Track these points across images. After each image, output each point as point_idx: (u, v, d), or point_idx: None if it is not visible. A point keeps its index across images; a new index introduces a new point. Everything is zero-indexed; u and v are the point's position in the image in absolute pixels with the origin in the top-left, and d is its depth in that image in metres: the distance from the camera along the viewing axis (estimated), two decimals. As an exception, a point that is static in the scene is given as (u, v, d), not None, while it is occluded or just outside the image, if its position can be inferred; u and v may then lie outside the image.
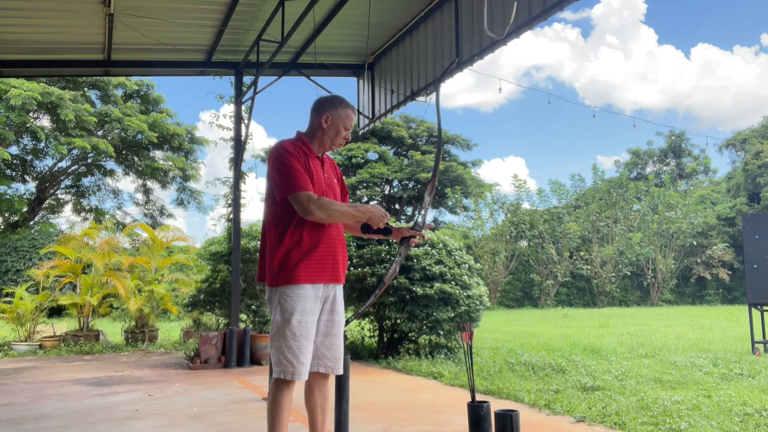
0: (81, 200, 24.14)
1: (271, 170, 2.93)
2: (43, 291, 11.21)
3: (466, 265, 8.14)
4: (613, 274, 26.20)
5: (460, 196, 28.72)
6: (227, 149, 13.11)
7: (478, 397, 3.71)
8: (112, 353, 9.93)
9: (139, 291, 11.07)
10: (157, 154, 23.73)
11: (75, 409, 5.30)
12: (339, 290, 3.03)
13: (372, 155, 30.63)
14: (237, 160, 8.98)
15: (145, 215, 24.92)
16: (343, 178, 3.26)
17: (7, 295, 11.93)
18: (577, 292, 26.82)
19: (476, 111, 62.58)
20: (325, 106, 3.04)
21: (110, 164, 23.81)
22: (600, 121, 76.97)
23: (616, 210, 26.98)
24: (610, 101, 64.97)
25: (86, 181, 24.30)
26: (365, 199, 29.99)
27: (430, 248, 7.98)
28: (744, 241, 8.52)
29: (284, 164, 2.87)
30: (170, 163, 23.50)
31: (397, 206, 31.30)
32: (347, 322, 3.15)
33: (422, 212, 3.15)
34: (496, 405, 4.14)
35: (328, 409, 3.09)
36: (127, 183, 55.65)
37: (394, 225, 3.15)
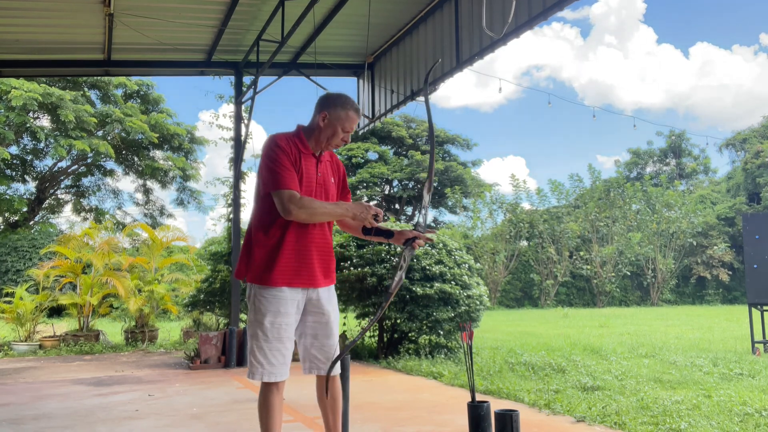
0: (81, 200, 24.14)
1: (261, 164, 2.89)
2: (43, 291, 11.21)
3: (466, 265, 8.14)
4: (613, 274, 26.19)
5: (460, 196, 28.71)
6: (227, 149, 13.13)
7: (478, 397, 3.71)
8: (112, 353, 9.93)
9: (139, 291, 11.07)
10: (157, 154, 23.74)
11: (75, 409, 5.31)
12: (322, 292, 2.96)
13: (372, 155, 30.64)
14: (237, 160, 8.98)
15: (145, 215, 24.93)
16: (346, 178, 3.18)
17: (7, 295, 11.94)
18: (577, 292, 26.81)
19: (476, 111, 62.63)
20: (325, 104, 2.96)
21: (110, 164, 23.85)
22: (600, 120, 77.00)
23: (614, 210, 26.98)
24: (609, 101, 65.03)
25: (86, 181, 24.32)
26: (365, 198, 29.98)
27: (430, 248, 7.98)
28: (744, 241, 8.52)
29: (272, 159, 2.83)
30: (170, 163, 23.51)
31: (397, 206, 31.30)
32: (362, 333, 3.09)
33: (423, 212, 3.08)
34: (496, 405, 4.14)
35: (340, 409, 3.07)
36: (127, 183, 55.69)
37: (396, 228, 3.09)
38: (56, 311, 15.37)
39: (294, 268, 2.85)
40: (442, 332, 7.67)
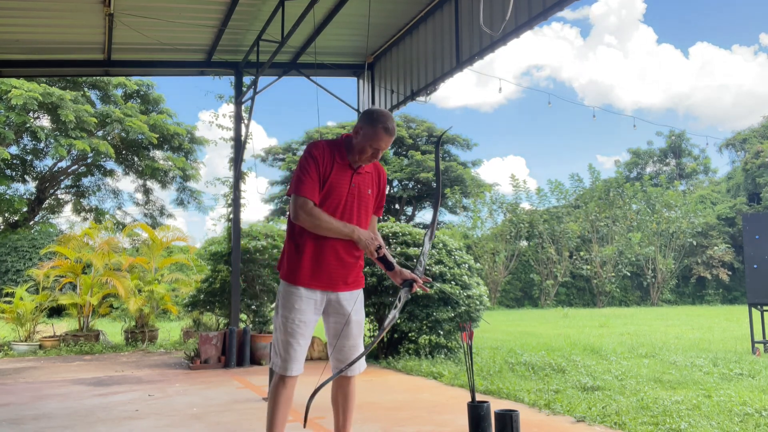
0: (81, 200, 24.13)
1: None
2: (43, 291, 11.21)
3: (466, 265, 8.14)
4: (613, 274, 26.18)
5: (460, 196, 28.72)
6: (227, 149, 13.13)
7: (478, 397, 3.71)
8: (112, 353, 9.93)
9: (139, 291, 11.07)
10: (157, 154, 23.73)
11: (75, 409, 5.31)
12: (342, 295, 3.04)
13: (372, 155, 30.58)
14: (237, 160, 8.98)
15: (145, 215, 24.91)
16: (384, 192, 3.22)
17: (7, 295, 11.94)
18: (577, 292, 26.80)
19: (476, 111, 62.59)
20: (362, 119, 3.01)
21: (110, 164, 23.82)
22: (600, 120, 76.93)
23: (614, 210, 26.96)
24: (609, 101, 65.00)
25: (86, 181, 24.30)
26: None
27: (430, 248, 7.98)
28: (744, 241, 8.52)
29: (300, 165, 2.96)
30: (170, 163, 23.49)
31: (397, 206, 31.29)
32: (363, 353, 3.07)
33: (422, 259, 3.10)
34: (496, 405, 4.14)
35: (351, 410, 3.12)
36: (127, 183, 55.71)
37: (397, 263, 3.12)
38: (56, 311, 15.37)
39: (312, 270, 2.96)
40: (442, 332, 7.67)
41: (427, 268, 7.66)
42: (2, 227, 21.78)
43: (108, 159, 22.32)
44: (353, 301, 3.06)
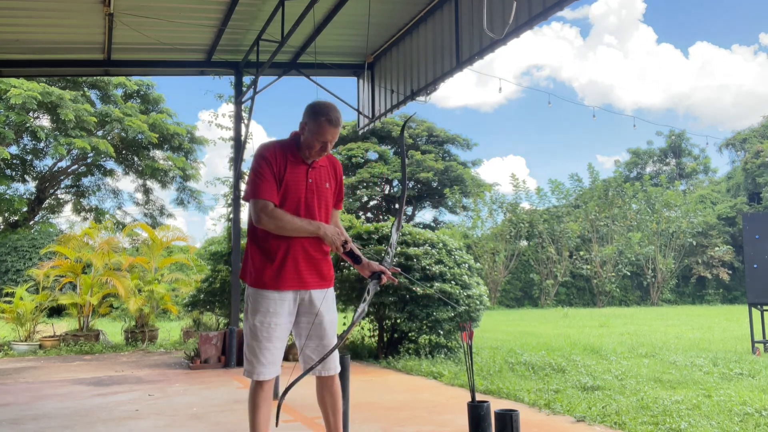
0: (81, 200, 24.13)
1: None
2: (43, 291, 11.21)
3: (466, 265, 8.14)
4: (613, 274, 26.18)
5: (460, 195, 28.71)
6: (227, 149, 13.13)
7: (478, 397, 3.71)
8: (112, 353, 9.93)
9: (139, 291, 11.07)
10: (157, 153, 23.73)
11: (75, 409, 5.31)
12: (315, 294, 3.00)
13: (372, 155, 30.61)
14: (237, 160, 8.99)
15: (145, 215, 24.92)
16: (342, 184, 3.19)
17: (7, 295, 11.93)
18: (577, 292, 26.80)
19: (476, 111, 62.58)
20: (306, 114, 2.96)
21: (110, 164, 23.83)
22: (600, 120, 76.93)
23: (614, 209, 26.96)
24: (609, 101, 64.98)
25: (86, 180, 24.31)
26: (365, 198, 29.97)
27: (430, 248, 7.98)
28: (744, 241, 8.52)
29: (254, 169, 2.92)
30: (170, 162, 23.49)
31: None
32: (335, 346, 3.06)
33: (390, 250, 3.09)
34: (496, 405, 4.14)
35: (340, 408, 3.10)
36: (127, 183, 55.67)
37: (366, 258, 3.10)
38: (56, 311, 15.36)
39: (283, 271, 2.92)
40: (442, 332, 7.67)
41: (427, 267, 7.66)
42: (2, 227, 21.78)
43: (108, 159, 22.33)
44: (324, 300, 3.02)
